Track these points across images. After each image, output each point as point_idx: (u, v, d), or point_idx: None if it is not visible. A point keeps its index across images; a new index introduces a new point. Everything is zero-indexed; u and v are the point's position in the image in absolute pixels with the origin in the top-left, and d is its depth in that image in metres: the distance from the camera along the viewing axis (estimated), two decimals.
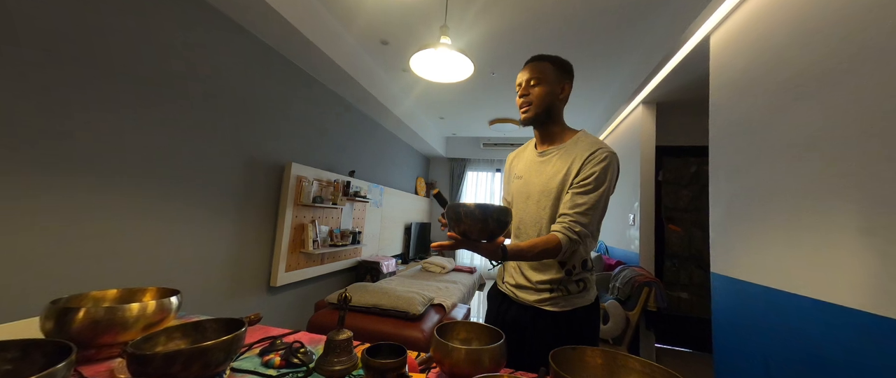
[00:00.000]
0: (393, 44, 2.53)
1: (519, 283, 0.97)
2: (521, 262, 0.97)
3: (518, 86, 0.99)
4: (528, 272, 0.95)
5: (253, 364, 0.72)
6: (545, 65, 0.96)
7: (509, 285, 1.00)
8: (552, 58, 0.97)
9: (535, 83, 0.95)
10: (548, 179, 0.93)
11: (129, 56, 1.42)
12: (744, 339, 1.29)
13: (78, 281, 1.28)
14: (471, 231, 0.74)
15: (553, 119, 0.98)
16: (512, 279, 0.99)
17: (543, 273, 0.93)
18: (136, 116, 1.45)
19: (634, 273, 2.58)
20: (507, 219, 0.75)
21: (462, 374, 0.62)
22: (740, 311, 1.32)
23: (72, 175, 1.26)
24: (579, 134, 0.97)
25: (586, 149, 0.90)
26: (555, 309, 0.91)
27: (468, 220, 0.73)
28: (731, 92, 1.48)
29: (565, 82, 0.97)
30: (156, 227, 1.55)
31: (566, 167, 0.91)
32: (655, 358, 2.68)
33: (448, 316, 2.30)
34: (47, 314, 0.64)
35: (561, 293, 0.91)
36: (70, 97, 1.25)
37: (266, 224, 2.21)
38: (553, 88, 0.95)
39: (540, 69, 0.95)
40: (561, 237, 0.83)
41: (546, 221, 0.92)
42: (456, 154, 5.47)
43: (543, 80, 0.95)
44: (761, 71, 1.29)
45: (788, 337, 1.08)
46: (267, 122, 2.16)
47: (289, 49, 2.20)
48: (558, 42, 2.37)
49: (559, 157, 0.94)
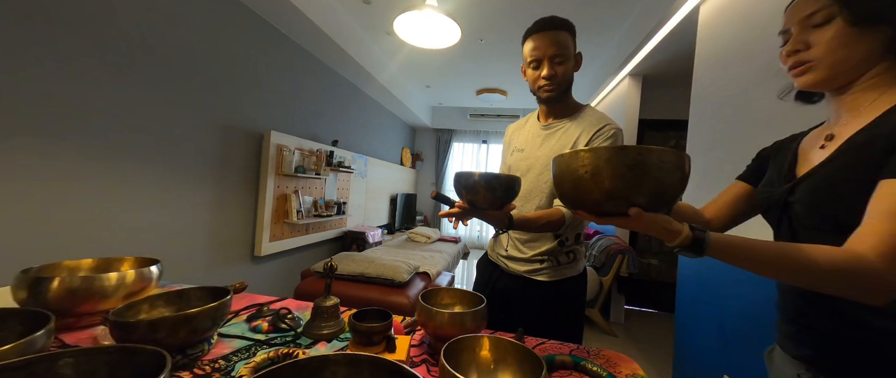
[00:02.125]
0: (375, 3, 2.37)
1: (511, 254, 0.99)
2: (517, 235, 0.98)
3: (535, 60, 0.89)
4: (523, 247, 0.97)
5: (240, 330, 0.74)
6: (566, 37, 0.88)
7: (501, 256, 1.02)
8: (570, 26, 0.90)
9: (561, 61, 0.88)
10: (551, 153, 0.92)
11: (89, 15, 1.28)
12: (703, 301, 1.41)
13: (47, 251, 1.23)
14: (482, 200, 0.71)
15: (567, 94, 0.95)
16: (504, 251, 1.01)
17: (537, 246, 0.95)
18: (98, 79, 1.34)
19: (610, 242, 2.72)
20: (516, 188, 0.74)
21: (445, 335, 0.65)
22: (702, 276, 1.43)
23: (33, 138, 1.17)
24: (586, 108, 0.95)
25: (594, 124, 0.89)
26: (544, 279, 0.94)
27: (481, 189, 0.70)
28: (714, 65, 1.49)
29: (578, 52, 0.92)
30: (127, 194, 1.49)
31: (572, 141, 0.90)
32: (624, 318, 2.90)
33: (433, 283, 2.38)
34: (19, 283, 0.62)
35: (551, 263, 0.94)
36: (26, 56, 1.13)
37: (247, 194, 2.16)
38: (573, 64, 0.90)
39: (563, 44, 0.87)
40: (565, 212, 0.84)
41: (545, 194, 0.93)
42: (442, 125, 5.39)
43: (567, 57, 0.88)
44: (745, 44, 1.30)
45: (741, 301, 1.18)
46: (241, 85, 2.04)
47: (262, 5, 2.03)
48: (547, 10, 2.29)
49: (564, 131, 0.93)
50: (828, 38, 0.47)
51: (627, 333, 2.69)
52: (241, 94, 2.05)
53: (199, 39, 1.76)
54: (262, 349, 0.66)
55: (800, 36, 0.51)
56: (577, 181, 0.49)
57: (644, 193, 0.46)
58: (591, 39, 2.70)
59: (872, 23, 0.45)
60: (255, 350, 0.65)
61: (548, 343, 0.76)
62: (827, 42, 0.47)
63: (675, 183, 0.47)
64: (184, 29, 1.67)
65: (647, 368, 2.12)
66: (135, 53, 1.47)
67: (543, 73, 0.89)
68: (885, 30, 0.45)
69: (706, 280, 1.40)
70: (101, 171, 1.39)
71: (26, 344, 0.44)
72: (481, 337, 0.59)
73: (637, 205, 0.46)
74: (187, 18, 1.69)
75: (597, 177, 0.47)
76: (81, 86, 1.30)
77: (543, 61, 0.89)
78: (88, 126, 1.33)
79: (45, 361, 0.40)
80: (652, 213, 0.46)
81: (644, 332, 2.71)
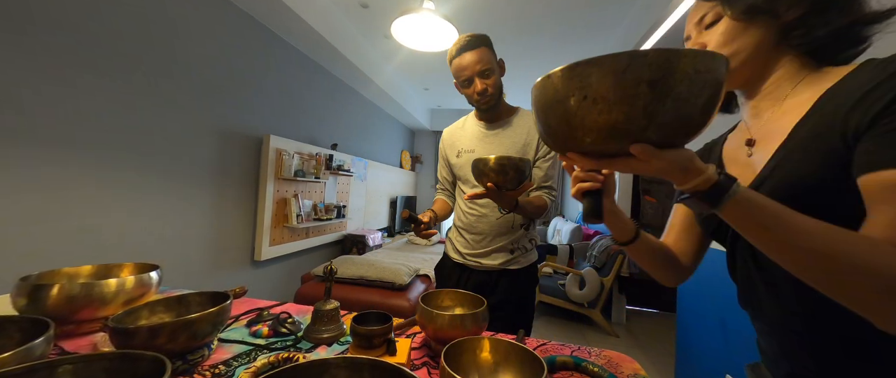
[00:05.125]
0: (373, 6, 2.39)
1: (480, 251, 1.05)
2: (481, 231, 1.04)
3: (466, 79, 0.97)
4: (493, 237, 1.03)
5: (241, 334, 0.73)
6: (486, 52, 0.96)
7: (469, 256, 1.07)
8: (487, 41, 0.97)
9: (488, 74, 0.96)
10: (505, 150, 1.01)
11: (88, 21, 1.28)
12: (705, 300, 1.41)
13: (46, 258, 1.23)
14: (511, 180, 0.77)
15: (501, 99, 1.04)
16: (471, 249, 1.07)
17: (509, 234, 1.03)
18: (96, 85, 1.34)
19: (610, 242, 2.72)
20: (528, 170, 0.81)
21: (446, 337, 0.65)
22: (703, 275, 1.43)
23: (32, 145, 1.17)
24: (518, 108, 1.07)
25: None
26: (517, 267, 1.03)
27: (511, 171, 0.76)
28: None
29: (499, 59, 1.01)
30: (127, 200, 1.49)
31: (523, 138, 1.00)
32: (625, 318, 2.90)
33: (433, 285, 2.38)
34: (19, 291, 0.62)
35: (520, 251, 1.04)
36: (25, 63, 1.13)
37: (246, 198, 2.16)
38: (498, 72, 1.00)
39: (486, 59, 0.96)
40: (547, 200, 0.98)
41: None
42: (441, 127, 5.39)
43: (492, 69, 0.97)
44: None
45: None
46: (239, 90, 2.04)
47: (259, 9, 2.04)
48: (545, 13, 2.30)
49: (510, 129, 1.03)
50: (718, 34, 0.49)
51: (629, 334, 2.68)
52: (240, 99, 2.05)
53: (198, 45, 1.76)
54: (262, 354, 0.66)
55: (696, 39, 0.52)
56: (568, 111, 0.36)
57: (665, 122, 0.33)
58: (589, 40, 2.71)
59: (752, 15, 0.46)
60: (255, 355, 0.65)
61: (549, 344, 0.76)
62: (717, 38, 0.49)
63: (706, 103, 0.34)
64: (182, 34, 1.68)
65: (649, 369, 2.12)
66: (133, 59, 1.47)
67: (478, 89, 0.97)
68: (767, 20, 0.45)
69: (707, 280, 1.40)
70: (100, 178, 1.39)
71: (25, 351, 0.44)
72: (482, 339, 0.59)
73: (648, 140, 0.35)
74: (186, 24, 1.69)
75: (602, 101, 0.34)
76: (80, 92, 1.30)
77: (473, 78, 0.97)
78: (87, 132, 1.33)
79: (44, 369, 0.40)
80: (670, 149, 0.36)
81: (646, 333, 2.70)
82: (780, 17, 0.45)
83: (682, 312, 1.56)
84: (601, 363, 0.66)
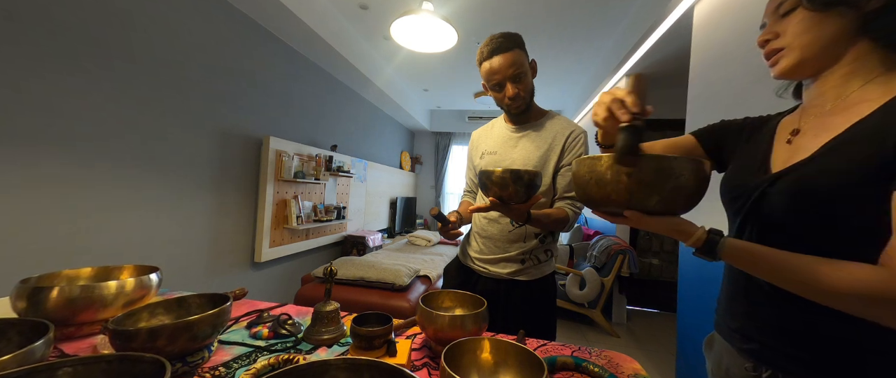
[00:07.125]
0: (372, 8, 2.39)
1: (489, 257, 1.01)
2: (492, 236, 1.01)
3: (497, 84, 0.92)
4: (504, 244, 0.99)
5: (241, 336, 0.73)
6: (519, 54, 0.91)
7: (478, 261, 1.04)
8: (520, 42, 0.92)
9: (521, 77, 0.92)
10: (527, 154, 0.97)
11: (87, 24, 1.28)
12: (705, 300, 1.41)
13: (46, 260, 1.23)
14: (512, 194, 0.74)
15: (532, 102, 1.01)
16: (481, 254, 1.03)
17: (523, 245, 0.98)
18: (95, 87, 1.34)
19: (610, 242, 2.72)
20: (538, 182, 0.77)
21: (446, 338, 0.65)
22: (703, 274, 1.43)
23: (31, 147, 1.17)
24: (550, 113, 1.02)
25: (565, 127, 0.96)
26: (528, 278, 0.98)
27: (511, 184, 0.74)
28: (710, 64, 1.50)
29: (531, 59, 0.97)
30: (126, 202, 1.49)
31: (547, 143, 0.96)
32: (626, 318, 2.89)
33: (433, 286, 2.38)
34: (18, 293, 0.62)
35: (532, 262, 0.98)
36: (25, 65, 1.13)
37: (246, 200, 2.16)
38: (530, 75, 0.96)
39: (519, 62, 0.91)
40: (569, 211, 0.91)
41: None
42: (441, 128, 5.39)
43: (524, 72, 0.92)
44: (741, 43, 1.31)
45: None
46: (239, 91, 2.04)
47: (258, 11, 2.04)
48: (544, 12, 2.30)
49: (537, 133, 0.99)
50: (794, 24, 0.49)
51: (630, 334, 2.68)
52: (240, 101, 2.05)
53: (197, 46, 1.76)
54: (262, 355, 0.65)
55: (772, 27, 0.52)
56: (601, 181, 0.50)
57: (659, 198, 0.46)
58: (588, 40, 2.72)
59: (830, 5, 0.46)
60: (255, 356, 0.65)
61: (549, 345, 0.76)
62: (793, 28, 0.49)
63: (693, 188, 0.47)
64: (182, 36, 1.68)
65: (650, 369, 2.12)
66: (132, 61, 1.47)
67: (509, 94, 0.93)
68: (846, 12, 0.45)
69: (708, 279, 1.40)
70: (99, 180, 1.39)
71: (25, 354, 0.44)
72: (482, 339, 0.59)
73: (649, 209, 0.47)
74: (185, 25, 1.69)
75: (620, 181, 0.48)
76: (79, 94, 1.30)
77: (505, 83, 0.92)
78: (87, 134, 1.33)
79: (44, 371, 0.40)
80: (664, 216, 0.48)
81: (646, 332, 2.70)
82: (861, 7, 0.44)
83: (682, 312, 1.56)
84: (602, 363, 0.66)
